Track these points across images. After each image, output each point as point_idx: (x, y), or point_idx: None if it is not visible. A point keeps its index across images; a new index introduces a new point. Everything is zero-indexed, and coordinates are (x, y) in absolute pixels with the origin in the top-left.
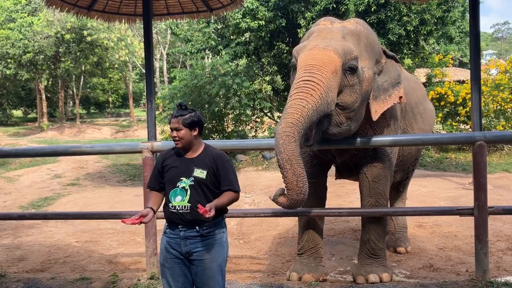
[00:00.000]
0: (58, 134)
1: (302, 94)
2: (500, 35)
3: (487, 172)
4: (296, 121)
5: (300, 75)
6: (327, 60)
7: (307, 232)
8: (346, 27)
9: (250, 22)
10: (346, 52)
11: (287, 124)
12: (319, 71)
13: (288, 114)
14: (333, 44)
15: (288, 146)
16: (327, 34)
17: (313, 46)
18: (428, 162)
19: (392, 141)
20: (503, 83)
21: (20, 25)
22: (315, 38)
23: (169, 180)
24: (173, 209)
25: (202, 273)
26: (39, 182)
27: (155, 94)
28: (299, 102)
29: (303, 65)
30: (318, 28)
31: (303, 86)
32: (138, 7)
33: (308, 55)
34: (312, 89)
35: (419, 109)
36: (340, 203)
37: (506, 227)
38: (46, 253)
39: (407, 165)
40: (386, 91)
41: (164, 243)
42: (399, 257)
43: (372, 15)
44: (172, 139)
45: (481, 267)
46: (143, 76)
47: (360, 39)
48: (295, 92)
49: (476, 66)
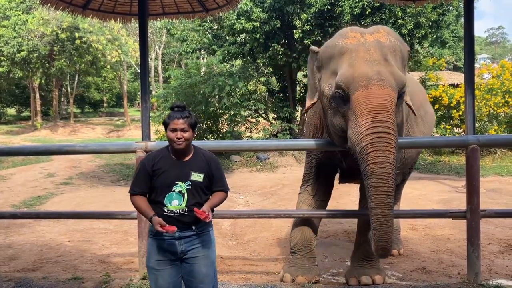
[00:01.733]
0: (51, 133)
1: (381, 153)
2: (494, 40)
3: (479, 176)
4: (389, 199)
5: (367, 123)
6: (388, 101)
7: (301, 231)
8: (382, 43)
9: (244, 23)
10: (399, 83)
11: (384, 198)
12: (385, 117)
13: (378, 188)
14: (384, 75)
15: (389, 211)
16: (365, 54)
17: (366, 80)
18: (421, 165)
19: None
20: (495, 87)
21: (14, 23)
22: (357, 62)
23: (162, 184)
24: (169, 213)
25: (197, 271)
26: (32, 180)
27: (149, 94)
28: (383, 170)
29: (365, 110)
30: (352, 45)
31: (378, 141)
32: (134, 7)
33: (367, 96)
34: (389, 143)
35: (420, 112)
36: (334, 205)
37: (498, 230)
38: (38, 252)
39: (407, 168)
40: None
41: (155, 246)
42: (392, 259)
43: (367, 18)
44: (175, 140)
45: (473, 270)
46: (137, 75)
47: (396, 54)
48: (369, 150)
49: (470, 70)
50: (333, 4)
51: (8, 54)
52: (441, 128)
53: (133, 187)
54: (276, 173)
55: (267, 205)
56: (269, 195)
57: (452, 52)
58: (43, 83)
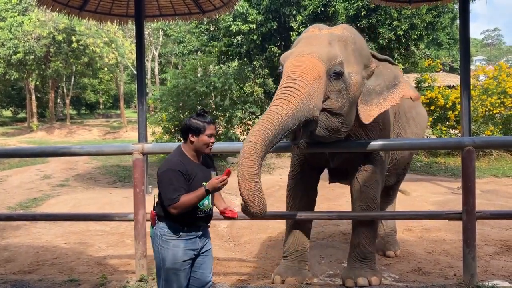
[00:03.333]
0: (47, 134)
1: (281, 100)
2: (490, 41)
3: (475, 177)
4: (263, 128)
5: (282, 82)
6: (310, 67)
7: (293, 235)
8: (333, 33)
9: (241, 25)
10: (331, 58)
11: (253, 133)
12: (301, 78)
13: (259, 121)
14: (318, 50)
15: (245, 160)
16: (314, 40)
17: (298, 53)
18: (417, 167)
19: (382, 145)
20: (491, 87)
21: (10, 24)
22: (302, 45)
23: (196, 187)
24: (201, 214)
25: (208, 263)
26: (27, 182)
27: (146, 95)
28: (274, 109)
29: (287, 72)
30: (306, 35)
31: (283, 92)
32: (130, 8)
33: (293, 62)
34: (292, 95)
35: (412, 113)
36: (330, 207)
37: (494, 232)
38: (34, 254)
39: (400, 168)
40: (379, 95)
41: (182, 247)
42: (388, 260)
43: (362, 20)
44: (210, 144)
45: (469, 271)
46: (134, 77)
47: (347, 44)
48: (274, 98)
49: (466, 72)
50: (326, 5)
51: (4, 56)
52: (437, 129)
53: (175, 193)
54: (273, 174)
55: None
56: (265, 196)
57: (448, 53)
58: (39, 85)
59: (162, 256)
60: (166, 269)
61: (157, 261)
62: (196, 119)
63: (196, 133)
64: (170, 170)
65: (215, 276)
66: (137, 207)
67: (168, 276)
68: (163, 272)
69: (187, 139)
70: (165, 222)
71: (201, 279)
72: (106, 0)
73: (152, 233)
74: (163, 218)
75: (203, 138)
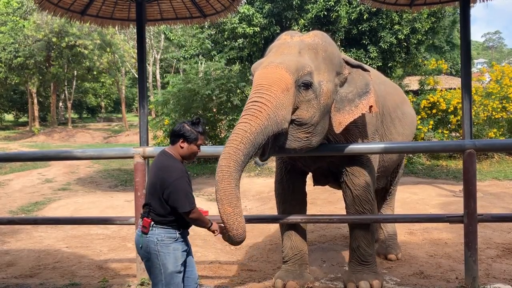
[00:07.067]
0: (49, 138)
1: (248, 116)
2: (491, 44)
3: (476, 180)
4: (234, 150)
5: (250, 96)
6: (277, 79)
7: (290, 240)
8: (304, 41)
9: (246, 28)
10: (299, 68)
11: (224, 156)
12: (267, 91)
13: (229, 141)
14: (286, 61)
15: (220, 184)
16: (284, 49)
17: (267, 63)
18: (419, 170)
19: (384, 148)
20: (494, 92)
21: (11, 28)
22: (272, 54)
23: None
24: None
25: (192, 259)
26: (29, 186)
27: (147, 99)
28: (242, 127)
29: (255, 85)
30: (278, 43)
31: (250, 107)
32: (132, 12)
33: (261, 74)
34: (259, 111)
35: (397, 114)
36: (332, 210)
37: (495, 235)
38: (36, 258)
39: (389, 171)
40: (351, 102)
41: (181, 248)
42: (390, 264)
43: (364, 23)
44: (197, 155)
45: (471, 274)
46: (135, 81)
47: (318, 53)
48: (242, 114)
49: (467, 75)
50: (329, 10)
51: (6, 60)
52: (438, 132)
53: (192, 199)
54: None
55: (265, 210)
56: (267, 200)
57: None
58: (41, 89)
59: (163, 261)
60: (169, 274)
61: (155, 269)
62: (191, 128)
63: (188, 141)
64: (184, 178)
65: (217, 279)
66: (139, 211)
67: (171, 279)
68: (165, 278)
69: (176, 143)
70: (162, 227)
71: (192, 277)
72: (107, 5)
73: (143, 241)
74: (160, 224)
75: (193, 147)
